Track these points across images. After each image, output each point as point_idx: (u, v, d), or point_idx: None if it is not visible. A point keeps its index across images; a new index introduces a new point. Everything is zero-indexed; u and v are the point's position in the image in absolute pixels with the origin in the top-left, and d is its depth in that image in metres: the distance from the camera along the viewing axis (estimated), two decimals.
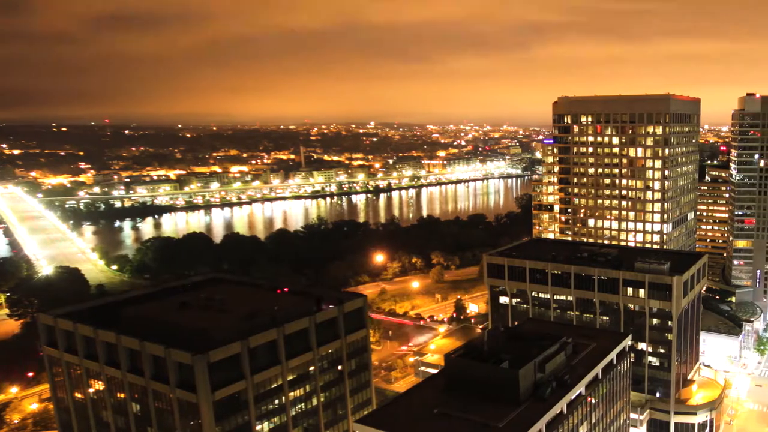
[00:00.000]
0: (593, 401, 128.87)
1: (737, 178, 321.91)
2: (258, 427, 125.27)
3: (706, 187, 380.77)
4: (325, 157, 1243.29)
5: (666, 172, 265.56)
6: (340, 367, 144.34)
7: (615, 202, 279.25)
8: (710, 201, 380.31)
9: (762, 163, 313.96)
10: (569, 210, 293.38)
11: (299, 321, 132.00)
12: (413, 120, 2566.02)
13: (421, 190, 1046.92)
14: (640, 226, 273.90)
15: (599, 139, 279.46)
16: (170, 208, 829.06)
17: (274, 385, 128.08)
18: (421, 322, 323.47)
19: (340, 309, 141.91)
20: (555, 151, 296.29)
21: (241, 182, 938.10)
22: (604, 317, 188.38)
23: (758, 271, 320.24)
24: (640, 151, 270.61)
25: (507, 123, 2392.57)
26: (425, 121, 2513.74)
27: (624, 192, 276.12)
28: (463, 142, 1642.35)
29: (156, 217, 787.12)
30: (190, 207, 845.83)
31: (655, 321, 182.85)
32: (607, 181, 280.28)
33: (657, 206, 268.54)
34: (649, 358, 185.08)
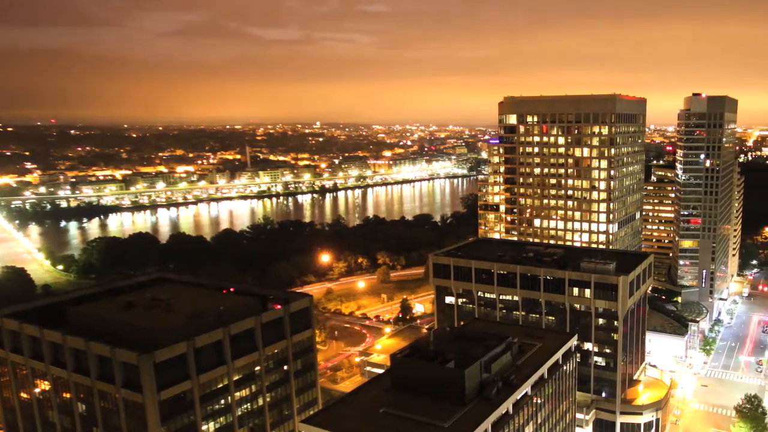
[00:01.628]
0: (539, 401, 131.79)
1: (683, 178, 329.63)
2: (204, 427, 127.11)
3: (652, 187, 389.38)
4: (271, 157, 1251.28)
5: (612, 172, 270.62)
6: (285, 367, 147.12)
7: (561, 202, 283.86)
8: (656, 201, 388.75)
9: (708, 163, 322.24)
10: (515, 210, 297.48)
11: (245, 321, 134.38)
12: (359, 120, 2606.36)
13: (367, 190, 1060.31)
14: (586, 226, 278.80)
15: (545, 139, 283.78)
16: (116, 208, 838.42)
17: (220, 385, 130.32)
18: (367, 322, 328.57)
19: (285, 309, 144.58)
20: (501, 151, 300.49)
21: (187, 182, 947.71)
22: (550, 317, 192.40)
23: (704, 271, 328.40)
24: (586, 151, 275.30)
25: (453, 123, 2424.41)
26: (371, 121, 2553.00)
27: (570, 192, 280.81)
28: (409, 142, 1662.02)
29: (102, 217, 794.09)
30: (136, 207, 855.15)
31: (601, 321, 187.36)
32: (553, 181, 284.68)
33: (603, 206, 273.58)
34: (595, 358, 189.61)
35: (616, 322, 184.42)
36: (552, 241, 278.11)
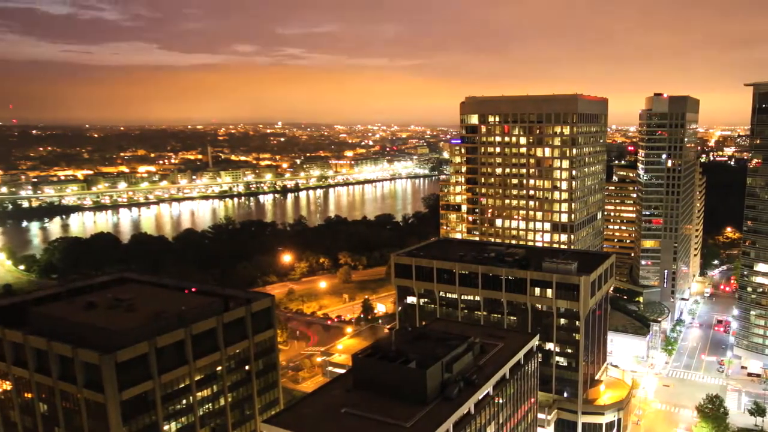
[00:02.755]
0: (501, 401, 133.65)
1: (645, 178, 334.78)
2: (165, 427, 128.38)
3: (613, 187, 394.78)
4: (233, 157, 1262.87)
5: (573, 172, 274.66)
6: (247, 367, 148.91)
7: (522, 202, 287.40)
8: (618, 201, 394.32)
9: (669, 163, 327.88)
10: (477, 210, 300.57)
11: (207, 321, 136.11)
12: (321, 120, 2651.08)
13: (329, 190, 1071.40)
14: (547, 226, 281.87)
15: (507, 139, 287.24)
16: (78, 208, 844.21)
17: (182, 385, 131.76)
18: (329, 323, 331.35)
19: (247, 309, 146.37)
20: (462, 151, 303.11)
21: (148, 182, 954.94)
22: (512, 317, 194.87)
23: (665, 271, 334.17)
24: (547, 151, 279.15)
25: (415, 123, 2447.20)
26: (333, 121, 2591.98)
27: (532, 192, 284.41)
28: (370, 143, 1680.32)
29: (63, 217, 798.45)
30: (98, 207, 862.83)
31: (562, 321, 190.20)
32: (515, 181, 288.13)
33: (564, 206, 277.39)
34: (557, 358, 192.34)
35: (577, 322, 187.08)
36: (514, 241, 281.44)
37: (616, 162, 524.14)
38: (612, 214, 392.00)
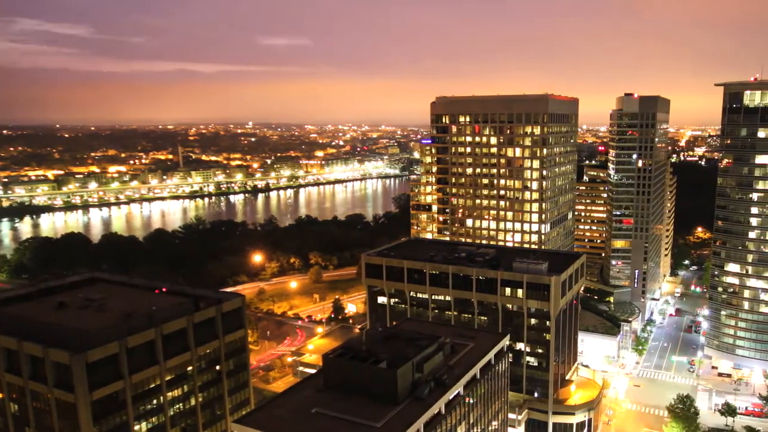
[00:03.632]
0: (471, 401, 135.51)
1: (615, 178, 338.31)
2: (136, 427, 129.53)
3: (584, 187, 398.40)
4: (204, 158, 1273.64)
5: (544, 172, 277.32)
6: (218, 367, 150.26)
7: (493, 202, 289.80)
8: (588, 201, 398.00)
9: (640, 163, 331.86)
10: (447, 210, 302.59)
11: (177, 321, 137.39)
12: (291, 120, 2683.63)
13: (300, 191, 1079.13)
14: (518, 226, 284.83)
15: (477, 139, 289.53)
16: (48, 208, 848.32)
17: (152, 385, 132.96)
18: (300, 323, 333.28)
19: (218, 309, 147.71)
20: (433, 151, 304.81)
21: (119, 182, 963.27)
22: (483, 317, 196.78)
23: (636, 271, 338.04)
24: (518, 151, 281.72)
25: (385, 123, 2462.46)
26: (303, 121, 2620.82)
27: (502, 192, 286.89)
28: (341, 143, 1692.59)
29: (34, 217, 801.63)
30: (69, 207, 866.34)
31: (533, 321, 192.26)
32: (486, 181, 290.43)
33: (535, 206, 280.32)
34: (528, 358, 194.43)
35: (548, 322, 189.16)
36: (484, 241, 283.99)
37: (587, 162, 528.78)
38: (583, 214, 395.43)
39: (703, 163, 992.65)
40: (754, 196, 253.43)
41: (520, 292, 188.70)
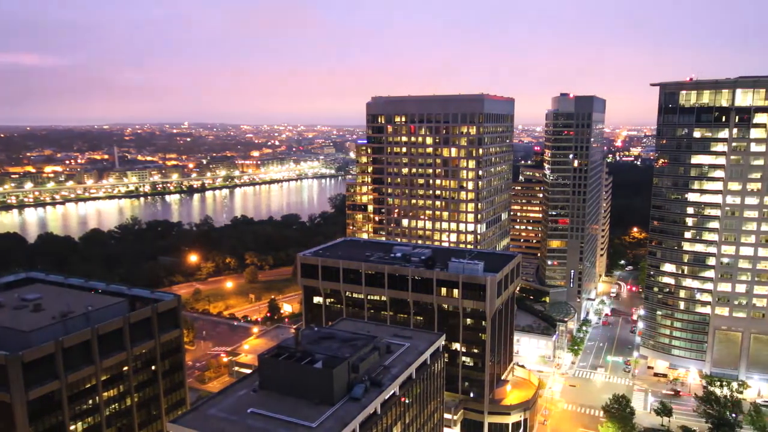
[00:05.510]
0: (407, 401, 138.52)
1: (551, 178, 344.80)
2: (72, 427, 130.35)
3: (520, 188, 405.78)
4: (139, 158, 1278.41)
5: (480, 172, 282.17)
6: (153, 367, 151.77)
7: (429, 202, 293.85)
8: (524, 201, 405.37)
9: (576, 163, 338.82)
10: (383, 210, 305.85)
11: (113, 321, 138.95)
12: (227, 120, 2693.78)
13: (235, 190, 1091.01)
14: (454, 225, 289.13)
15: (413, 139, 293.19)
16: None
17: (88, 385, 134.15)
18: (235, 323, 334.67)
19: (153, 309, 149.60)
20: (369, 151, 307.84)
21: (55, 182, 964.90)
22: (419, 317, 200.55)
23: (572, 271, 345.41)
24: (454, 151, 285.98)
25: (321, 123, 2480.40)
26: (239, 121, 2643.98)
27: (438, 192, 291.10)
28: (277, 143, 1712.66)
29: None
30: (4, 207, 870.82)
31: (468, 321, 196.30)
32: (421, 181, 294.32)
33: (471, 206, 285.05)
34: (463, 358, 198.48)
35: (483, 322, 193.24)
36: (420, 241, 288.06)
37: (523, 162, 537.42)
38: (518, 214, 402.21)
39: (638, 163, 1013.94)
40: (690, 196, 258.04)
41: (455, 292, 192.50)
